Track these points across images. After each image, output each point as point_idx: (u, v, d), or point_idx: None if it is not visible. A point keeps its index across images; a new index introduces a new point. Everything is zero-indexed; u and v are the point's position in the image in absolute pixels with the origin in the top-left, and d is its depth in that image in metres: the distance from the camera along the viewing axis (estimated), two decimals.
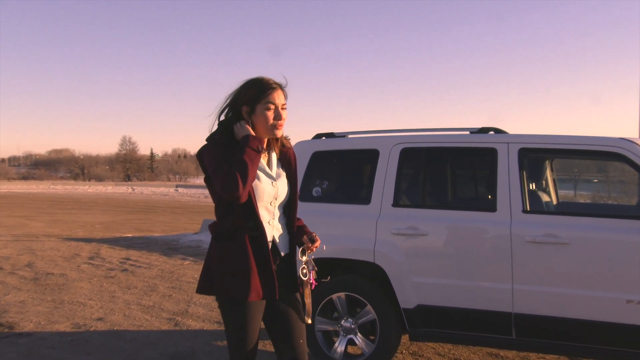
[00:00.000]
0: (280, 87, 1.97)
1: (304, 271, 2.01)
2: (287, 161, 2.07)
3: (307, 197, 3.65)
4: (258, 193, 1.93)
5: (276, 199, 1.98)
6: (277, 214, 2.00)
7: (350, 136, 3.79)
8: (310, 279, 2.02)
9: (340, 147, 3.71)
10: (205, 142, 1.96)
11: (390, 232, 3.35)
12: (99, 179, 63.09)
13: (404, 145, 3.50)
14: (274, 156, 2.04)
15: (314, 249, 2.01)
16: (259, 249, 1.89)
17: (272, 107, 1.93)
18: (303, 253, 2.02)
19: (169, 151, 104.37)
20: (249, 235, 1.89)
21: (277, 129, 1.95)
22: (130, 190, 38.31)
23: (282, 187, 2.01)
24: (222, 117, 2.00)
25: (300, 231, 2.05)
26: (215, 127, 1.99)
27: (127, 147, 74.36)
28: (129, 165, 71.62)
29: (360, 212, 3.47)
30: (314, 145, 3.76)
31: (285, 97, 1.98)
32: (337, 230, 3.47)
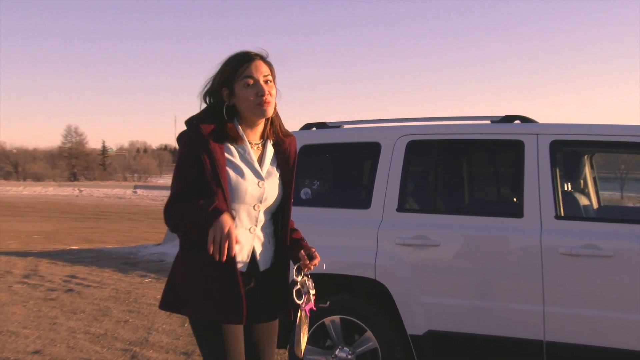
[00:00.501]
0: (261, 57, 2.05)
1: (299, 293, 2.05)
2: (284, 157, 2.13)
3: (295, 200, 3.72)
4: (238, 193, 1.99)
5: (262, 203, 2.05)
6: (262, 220, 2.07)
7: (346, 126, 3.88)
8: (304, 304, 2.05)
9: (334, 139, 3.79)
10: (186, 126, 2.03)
11: (395, 242, 3.43)
12: (38, 178, 62.76)
13: (411, 137, 3.58)
14: (270, 150, 2.11)
15: (312, 267, 2.07)
16: (226, 263, 1.92)
17: (252, 81, 2.01)
18: (299, 272, 2.07)
19: (125, 144, 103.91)
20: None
21: (263, 106, 2.01)
22: (76, 192, 38.20)
23: (270, 189, 2.07)
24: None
25: (296, 245, 2.12)
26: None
27: (73, 140, 74.15)
28: (75, 161, 71.30)
29: (358, 218, 3.55)
30: (303, 137, 3.84)
31: (271, 69, 2.06)
32: (330, 240, 3.55)
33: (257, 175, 2.05)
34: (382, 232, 3.45)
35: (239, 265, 2.01)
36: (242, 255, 2.02)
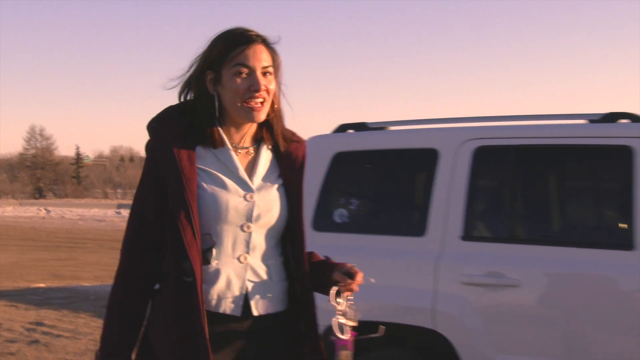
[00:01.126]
0: (263, 40, 2.07)
1: (342, 327, 2.03)
2: (288, 164, 2.16)
3: (326, 225, 3.78)
4: (216, 209, 2.00)
5: (254, 222, 2.05)
6: (259, 246, 2.07)
7: (392, 128, 3.92)
8: (347, 339, 2.04)
9: (377, 145, 3.84)
10: (147, 131, 2.07)
11: (460, 280, 3.45)
12: None
13: (479, 142, 3.60)
14: (265, 155, 2.14)
15: (356, 286, 2.09)
16: (188, 307, 1.96)
17: (245, 70, 2.02)
18: (338, 296, 2.07)
19: (106, 151, 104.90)
20: (178, 283, 1.96)
21: (253, 107, 2.03)
22: (43, 212, 38.82)
23: (264, 203, 2.07)
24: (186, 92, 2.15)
25: (324, 267, 2.14)
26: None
27: (38, 144, 75.17)
28: (41, 172, 72.25)
29: (410, 248, 3.58)
30: (336, 142, 3.89)
31: (274, 57, 2.08)
32: (374, 277, 3.56)
33: (243, 185, 2.06)
34: (442, 267, 3.47)
35: (225, 309, 2.02)
36: (229, 294, 2.02)
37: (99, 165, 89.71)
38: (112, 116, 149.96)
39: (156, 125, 2.04)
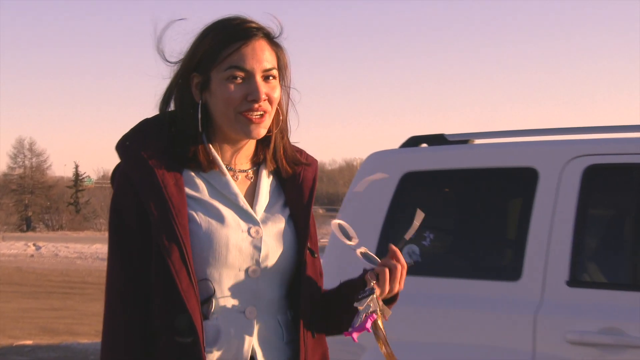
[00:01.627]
0: (265, 34, 2.05)
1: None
2: (295, 189, 2.16)
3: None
4: (214, 249, 1.98)
5: (261, 265, 2.03)
6: (267, 295, 2.06)
7: (477, 141, 3.93)
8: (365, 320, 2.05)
9: (459, 162, 3.84)
10: (117, 153, 2.04)
11: (565, 338, 3.40)
12: None
13: (590, 160, 3.57)
14: (266, 180, 2.14)
15: (398, 284, 2.08)
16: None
17: (240, 74, 2.00)
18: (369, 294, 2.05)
19: (111, 171, 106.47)
20: (172, 345, 1.94)
21: (250, 120, 2.01)
22: (32, 249, 39.34)
23: (273, 240, 2.05)
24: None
25: (344, 288, 2.16)
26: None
27: (27, 162, 75.95)
28: (30, 198, 72.75)
29: (501, 296, 3.55)
30: (405, 159, 3.90)
31: (280, 56, 2.08)
32: (451, 333, 3.55)
33: (246, 217, 2.04)
34: (542, 321, 3.43)
35: None
36: (232, 359, 2.00)
37: (103, 188, 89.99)
38: (119, 128, 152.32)
39: (131, 144, 2.00)
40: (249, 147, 2.11)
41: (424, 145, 3.97)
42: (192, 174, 2.03)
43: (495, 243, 3.78)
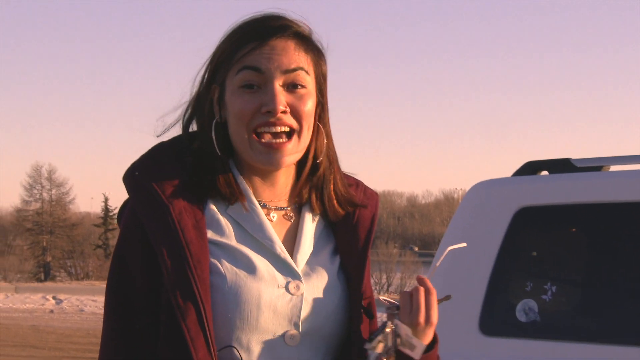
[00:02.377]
0: (294, 33, 2.04)
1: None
2: (350, 234, 2.14)
3: (503, 325, 3.77)
4: (243, 309, 1.95)
5: (300, 330, 2.01)
6: None
7: (612, 168, 3.92)
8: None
9: (589, 195, 3.81)
10: (125, 185, 2.04)
11: None
12: None
13: None
14: (310, 221, 2.13)
15: (430, 311, 2.04)
16: None
17: (254, 78, 1.99)
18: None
19: None
20: None
21: (269, 145, 1.99)
22: (51, 303, 39.80)
23: (316, 299, 2.04)
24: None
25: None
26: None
27: (45, 195, 75.96)
28: (50, 239, 73.01)
29: None
30: (520, 190, 3.91)
31: (315, 61, 2.07)
32: None
33: (283, 268, 2.02)
34: None
35: None
36: None
37: None
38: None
39: (140, 175, 2.00)
40: (286, 179, 2.11)
41: (544, 172, 3.97)
42: (216, 210, 2.02)
43: (637, 298, 3.75)
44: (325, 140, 2.10)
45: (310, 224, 2.10)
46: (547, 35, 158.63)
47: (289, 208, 2.10)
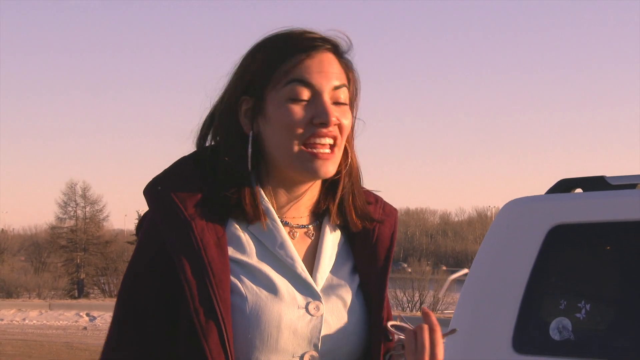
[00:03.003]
0: (333, 47, 2.05)
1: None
2: (370, 252, 2.13)
3: (537, 343, 3.75)
4: (263, 330, 1.94)
5: (320, 351, 2.01)
6: None
7: None
8: None
9: (624, 213, 3.79)
10: (146, 199, 2.04)
11: None
12: (7, 292, 66.05)
13: None
14: (330, 238, 2.12)
15: (435, 348, 1.99)
16: None
17: (305, 92, 1.98)
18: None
19: None
20: None
21: (317, 156, 1.98)
22: (85, 320, 39.89)
23: (336, 319, 2.03)
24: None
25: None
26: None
27: (79, 212, 76.06)
28: (83, 256, 73.25)
29: None
30: (554, 208, 3.90)
31: (350, 74, 2.08)
32: None
33: (304, 289, 2.02)
34: None
35: None
36: None
37: None
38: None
39: (163, 190, 1.99)
40: (311, 194, 2.10)
41: (579, 190, 3.96)
42: (237, 227, 2.01)
43: None
44: (350, 156, 2.10)
45: (330, 242, 2.10)
46: (581, 51, 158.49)
47: (310, 226, 2.10)
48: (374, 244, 2.12)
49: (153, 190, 2.01)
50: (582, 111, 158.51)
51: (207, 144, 2.12)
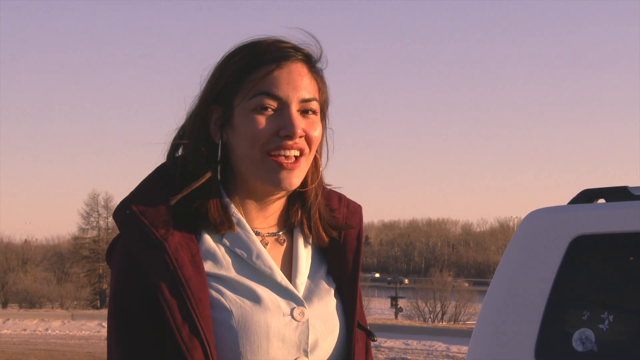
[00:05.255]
0: (305, 57, 2.05)
1: None
2: (340, 255, 2.14)
3: (560, 354, 3.73)
4: (251, 339, 1.94)
5: (309, 356, 2.01)
6: None
7: None
8: None
9: None
10: (117, 224, 2.01)
11: None
12: (31, 302, 66.30)
13: None
14: (302, 243, 2.12)
15: None
16: None
17: (272, 103, 1.98)
18: None
19: None
20: None
21: (282, 165, 1.98)
22: (106, 329, 39.97)
23: (321, 323, 2.04)
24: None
25: None
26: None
27: (102, 223, 76.00)
28: (105, 266, 73.62)
29: None
30: (576, 218, 3.88)
31: (320, 84, 2.07)
32: None
33: (286, 295, 2.02)
34: None
35: None
36: None
37: None
38: None
39: (131, 213, 1.96)
40: (280, 204, 2.10)
41: (601, 200, 3.93)
42: (211, 240, 2.00)
43: None
44: (319, 168, 2.11)
45: (303, 248, 2.10)
46: (602, 61, 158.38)
47: (280, 233, 2.10)
48: (342, 246, 2.13)
49: (122, 215, 1.98)
50: (605, 122, 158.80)
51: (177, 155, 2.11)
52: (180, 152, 2.10)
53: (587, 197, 3.94)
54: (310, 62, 2.06)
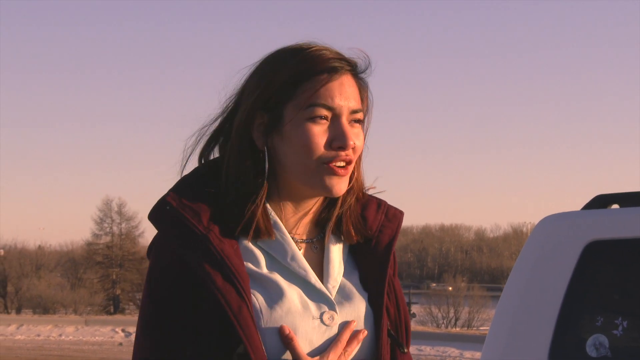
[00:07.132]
0: (352, 68, 2.06)
1: None
2: (371, 260, 2.13)
3: (575, 359, 3.68)
4: (281, 339, 1.93)
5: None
6: None
7: None
8: None
9: None
10: (153, 224, 2.02)
11: None
12: (44, 307, 66.37)
13: None
14: (336, 250, 2.11)
15: None
16: None
17: (327, 114, 1.99)
18: None
19: None
20: None
21: (335, 174, 1.99)
22: (120, 336, 39.96)
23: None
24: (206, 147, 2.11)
25: None
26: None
27: (115, 229, 75.67)
28: (119, 272, 73.07)
29: None
30: (590, 224, 3.86)
31: (363, 98, 2.08)
32: None
33: (318, 298, 2.01)
34: None
35: None
36: None
37: None
38: None
39: (172, 209, 1.97)
40: (317, 209, 2.11)
41: (615, 206, 3.92)
42: (247, 240, 2.00)
43: None
44: (355, 175, 2.11)
45: (336, 253, 2.09)
46: (619, 64, 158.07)
47: (314, 239, 2.10)
48: (372, 252, 2.12)
49: (161, 212, 1.99)
50: (619, 126, 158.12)
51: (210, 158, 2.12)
52: (211, 153, 2.12)
53: (600, 202, 3.93)
54: (356, 72, 2.07)
